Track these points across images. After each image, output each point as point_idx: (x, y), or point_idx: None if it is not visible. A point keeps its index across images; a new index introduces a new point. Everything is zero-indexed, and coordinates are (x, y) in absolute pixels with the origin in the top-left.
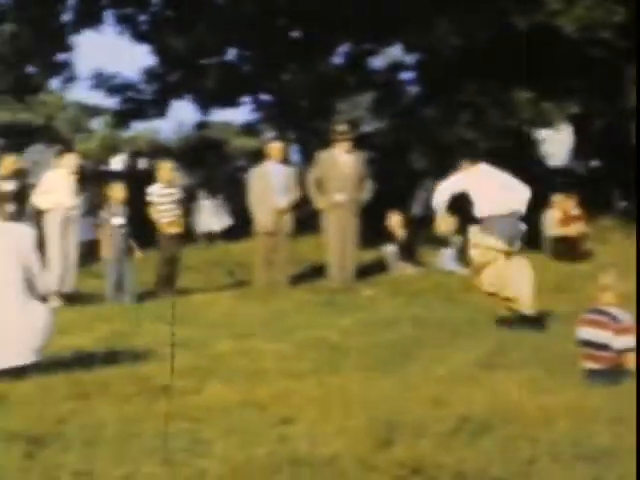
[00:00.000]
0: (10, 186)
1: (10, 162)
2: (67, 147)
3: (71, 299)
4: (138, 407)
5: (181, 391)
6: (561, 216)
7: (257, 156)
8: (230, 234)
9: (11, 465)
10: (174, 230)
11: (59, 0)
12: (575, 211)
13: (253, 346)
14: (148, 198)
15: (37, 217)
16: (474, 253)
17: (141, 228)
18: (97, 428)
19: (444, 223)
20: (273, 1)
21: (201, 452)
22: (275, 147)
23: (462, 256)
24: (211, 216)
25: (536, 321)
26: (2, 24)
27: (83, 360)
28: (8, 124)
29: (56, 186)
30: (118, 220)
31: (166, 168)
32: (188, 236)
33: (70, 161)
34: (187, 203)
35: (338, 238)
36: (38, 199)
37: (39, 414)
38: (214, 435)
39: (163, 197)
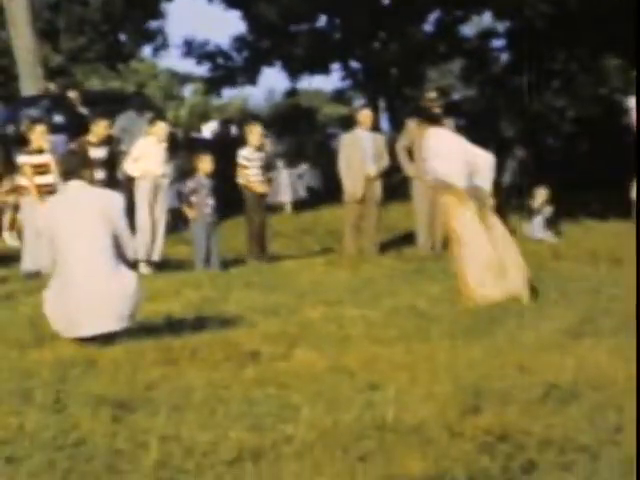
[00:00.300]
0: (101, 153)
1: (102, 129)
2: (158, 115)
3: (160, 266)
4: (226, 373)
5: (269, 357)
6: None
7: (347, 123)
8: (320, 201)
9: (99, 429)
10: (262, 190)
11: None
12: None
13: (342, 313)
14: (238, 160)
15: (127, 184)
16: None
17: (230, 196)
18: (185, 393)
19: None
20: None
21: (288, 418)
22: (365, 114)
23: (552, 225)
24: (287, 186)
25: None
26: None
27: (172, 326)
28: (100, 91)
29: (146, 154)
30: (204, 190)
31: (256, 132)
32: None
33: (160, 130)
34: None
35: (427, 206)
36: (129, 167)
37: (128, 379)
38: (301, 401)
39: (252, 161)
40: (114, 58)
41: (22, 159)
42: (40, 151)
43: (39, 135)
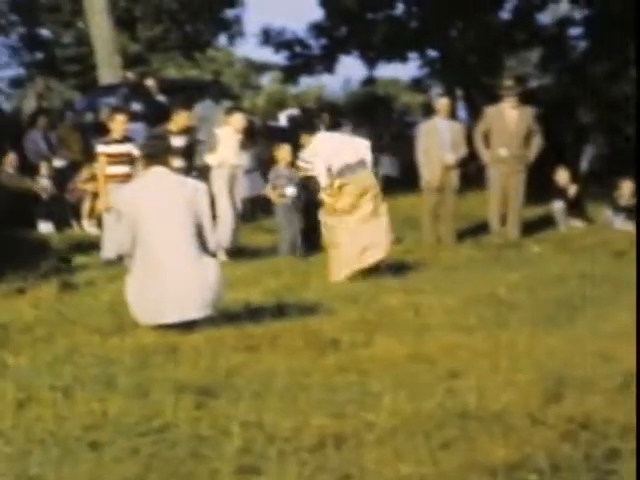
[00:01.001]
0: (180, 142)
1: (182, 118)
2: (235, 103)
3: (239, 254)
4: (307, 360)
5: (349, 344)
6: None
7: (425, 112)
8: (397, 189)
9: (182, 415)
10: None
11: None
12: None
13: (421, 300)
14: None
15: (204, 173)
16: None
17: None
18: (266, 380)
19: None
20: None
21: (370, 405)
22: (442, 103)
23: (630, 214)
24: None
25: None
26: None
27: (252, 313)
28: (177, 80)
29: (223, 143)
30: (284, 179)
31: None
32: None
33: (237, 120)
34: None
35: (501, 193)
36: (206, 156)
37: (209, 366)
38: (382, 388)
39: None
40: (191, 46)
41: (101, 148)
42: (120, 140)
43: (119, 124)
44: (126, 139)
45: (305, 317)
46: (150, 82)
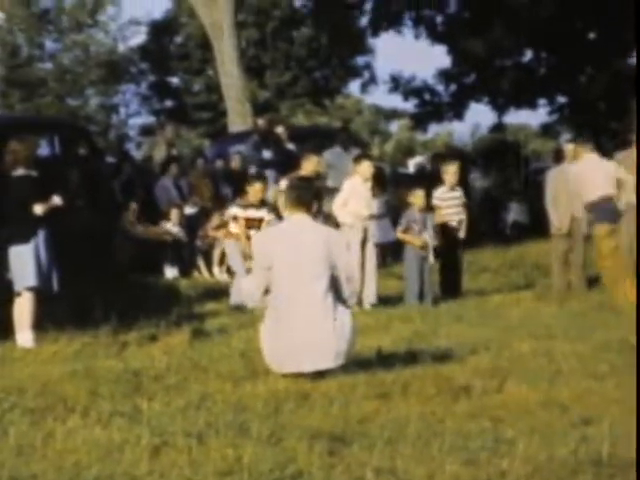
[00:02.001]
0: None
1: (311, 163)
2: (364, 151)
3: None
4: (439, 406)
5: (482, 391)
6: None
7: (554, 158)
8: (527, 236)
9: (315, 462)
10: (457, 233)
11: (357, 4)
12: None
13: (552, 347)
14: (433, 202)
15: (331, 219)
16: None
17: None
18: (399, 427)
19: None
20: (571, 3)
21: (503, 452)
22: (570, 149)
23: None
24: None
25: None
26: (300, 28)
27: (383, 360)
28: (306, 127)
29: (354, 195)
30: (417, 225)
31: (451, 172)
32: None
33: (366, 168)
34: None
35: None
36: (338, 212)
37: (341, 413)
38: (515, 435)
39: (446, 200)
40: (320, 94)
41: (235, 211)
42: (256, 206)
43: (257, 192)
44: (262, 204)
45: (436, 364)
46: (280, 129)
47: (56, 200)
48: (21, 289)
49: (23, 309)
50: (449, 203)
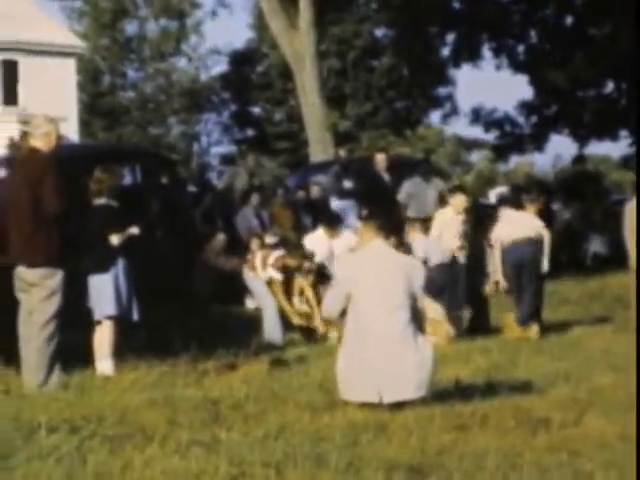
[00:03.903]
0: None
1: (460, 202)
2: (445, 182)
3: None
4: (517, 439)
5: (561, 424)
6: None
7: (635, 189)
8: (607, 267)
9: None
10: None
11: (438, 34)
12: None
13: (632, 380)
14: None
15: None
16: None
17: None
18: (476, 459)
19: None
20: None
21: None
22: None
23: None
24: None
25: None
26: (381, 58)
27: (462, 392)
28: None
29: (446, 227)
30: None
31: (532, 207)
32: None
33: (460, 201)
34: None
35: None
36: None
37: (419, 444)
38: (594, 468)
39: None
40: (401, 124)
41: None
42: None
43: None
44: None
45: (515, 396)
46: (380, 158)
47: (133, 230)
48: (101, 318)
49: (103, 338)
50: None
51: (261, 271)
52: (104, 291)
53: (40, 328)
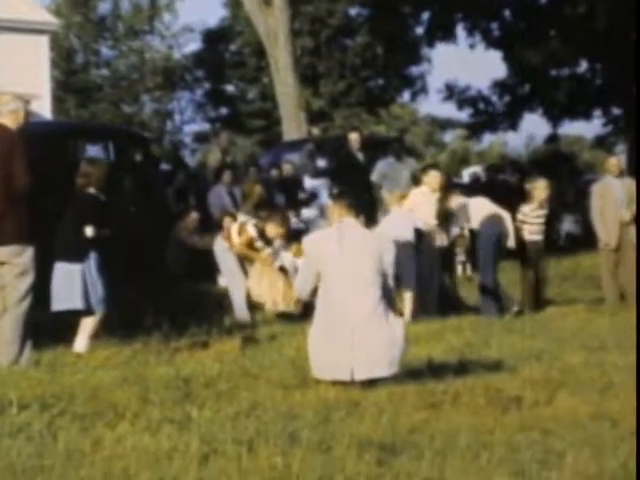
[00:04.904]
0: None
1: (434, 179)
2: (418, 161)
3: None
4: (489, 418)
5: (532, 403)
6: None
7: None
8: (580, 247)
9: (364, 471)
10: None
11: (412, 13)
12: None
13: (604, 359)
14: (519, 217)
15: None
16: None
17: None
18: (448, 438)
19: None
20: (626, 15)
21: (552, 464)
22: (611, 162)
23: None
24: None
25: None
26: (355, 37)
27: (434, 370)
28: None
29: (418, 205)
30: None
31: (541, 187)
32: None
33: (434, 177)
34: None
35: None
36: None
37: (391, 422)
38: (565, 447)
39: (534, 219)
40: (374, 103)
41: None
42: None
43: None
44: None
45: (487, 375)
46: (353, 136)
47: (104, 233)
48: (67, 309)
49: (90, 321)
50: (535, 221)
51: (237, 240)
52: (74, 283)
53: (13, 305)
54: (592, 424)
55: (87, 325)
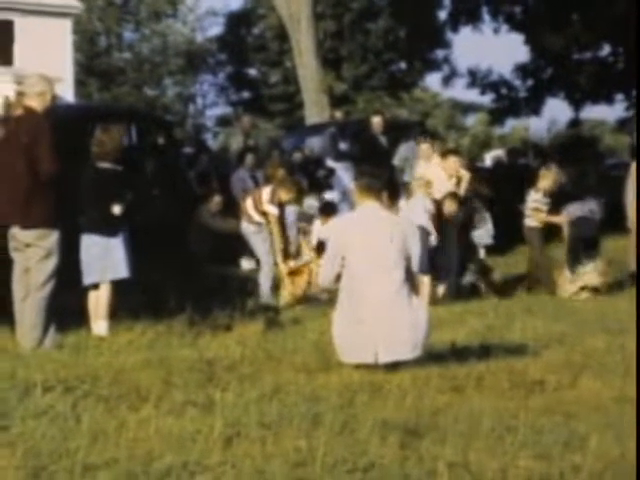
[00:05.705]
0: None
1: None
2: (441, 144)
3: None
4: (512, 401)
5: (555, 386)
6: None
7: (631, 153)
8: (603, 231)
9: (388, 454)
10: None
11: None
12: None
13: (626, 342)
14: (531, 205)
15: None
16: None
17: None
18: (472, 421)
19: None
20: None
21: (576, 447)
22: None
23: None
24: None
25: None
26: (377, 20)
27: (457, 354)
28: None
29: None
30: None
31: (550, 177)
32: None
33: (451, 164)
34: None
35: None
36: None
37: (414, 405)
38: (588, 430)
39: (544, 205)
40: (397, 86)
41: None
42: None
43: None
44: None
45: (510, 358)
46: (376, 120)
47: (128, 198)
48: (99, 281)
49: (101, 299)
50: (545, 208)
51: (255, 214)
52: (114, 254)
53: (37, 288)
54: (615, 407)
55: (101, 307)
